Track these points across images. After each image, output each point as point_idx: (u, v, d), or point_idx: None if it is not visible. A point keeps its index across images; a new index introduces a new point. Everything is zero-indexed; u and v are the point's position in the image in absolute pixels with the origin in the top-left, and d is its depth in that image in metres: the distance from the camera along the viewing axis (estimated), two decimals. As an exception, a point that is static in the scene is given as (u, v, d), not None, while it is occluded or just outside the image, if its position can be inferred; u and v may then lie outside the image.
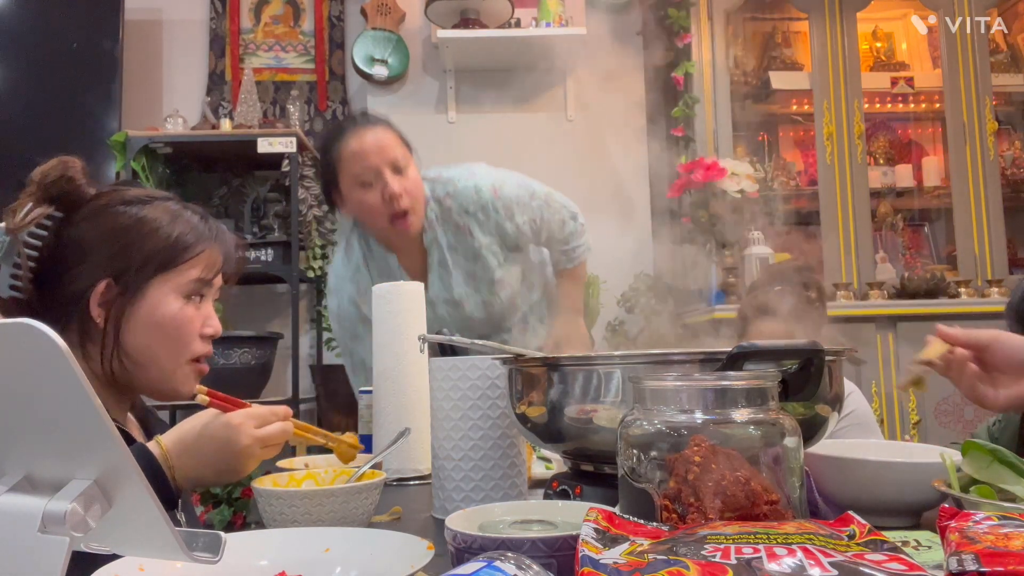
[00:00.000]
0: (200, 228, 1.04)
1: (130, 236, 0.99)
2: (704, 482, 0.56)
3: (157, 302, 0.99)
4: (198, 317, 1.03)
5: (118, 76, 3.09)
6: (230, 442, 0.88)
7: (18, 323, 0.39)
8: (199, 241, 1.03)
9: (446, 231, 1.83)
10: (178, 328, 1.00)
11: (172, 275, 1.00)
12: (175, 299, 1.00)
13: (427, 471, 1.21)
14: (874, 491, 0.80)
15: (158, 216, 1.01)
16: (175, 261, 1.00)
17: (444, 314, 1.86)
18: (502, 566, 0.45)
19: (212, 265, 1.04)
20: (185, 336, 1.01)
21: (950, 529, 0.50)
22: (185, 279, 1.01)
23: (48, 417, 0.43)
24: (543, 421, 0.82)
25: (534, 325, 1.99)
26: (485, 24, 3.17)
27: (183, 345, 1.01)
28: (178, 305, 1.00)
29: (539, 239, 1.94)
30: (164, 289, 1.00)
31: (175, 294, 1.00)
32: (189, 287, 1.01)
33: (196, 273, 1.02)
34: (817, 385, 0.70)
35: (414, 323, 1.29)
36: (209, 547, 0.49)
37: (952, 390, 2.83)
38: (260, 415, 0.92)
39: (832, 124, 3.11)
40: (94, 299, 0.97)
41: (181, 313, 1.00)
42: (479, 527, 0.65)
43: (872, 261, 3.09)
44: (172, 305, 1.00)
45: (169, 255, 1.00)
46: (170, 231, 1.01)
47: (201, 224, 1.05)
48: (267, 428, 0.91)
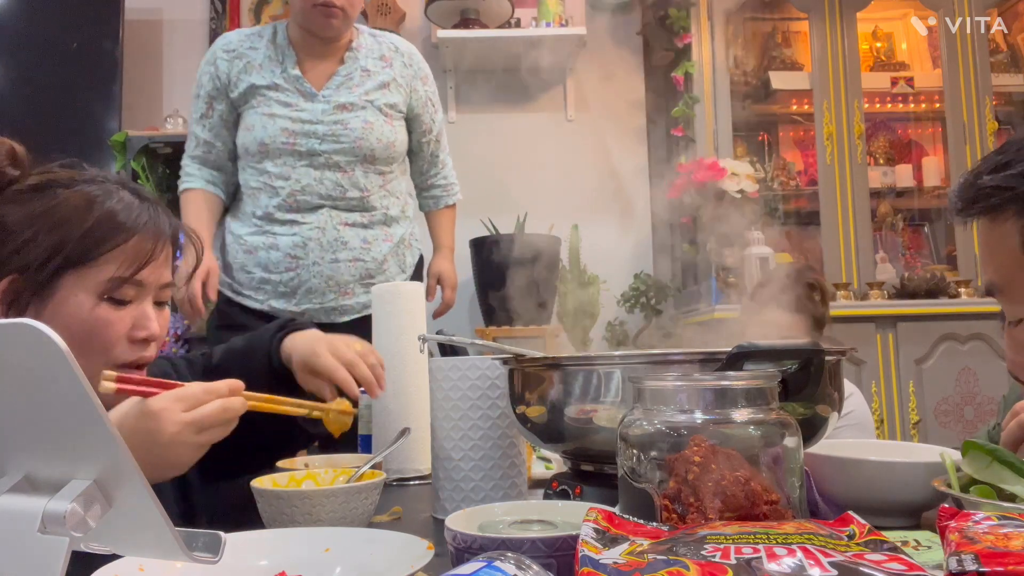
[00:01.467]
0: (123, 217, 0.90)
1: (38, 226, 0.87)
2: (704, 482, 0.56)
3: (64, 302, 0.86)
4: (121, 319, 0.89)
5: (118, 76, 3.09)
6: (152, 433, 0.78)
7: (18, 323, 0.39)
8: (117, 233, 0.89)
9: (368, 64, 1.88)
10: (90, 332, 0.87)
11: (84, 271, 0.87)
12: (87, 298, 0.87)
13: (427, 471, 1.21)
14: (874, 491, 0.80)
15: (73, 204, 0.89)
16: (86, 257, 0.87)
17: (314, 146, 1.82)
18: (502, 566, 0.45)
19: (135, 261, 0.90)
20: (100, 341, 0.88)
21: (950, 529, 0.50)
22: (99, 277, 0.88)
23: (48, 417, 0.43)
24: (543, 421, 0.82)
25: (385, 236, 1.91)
26: (485, 24, 3.17)
27: (97, 349, 0.88)
28: (89, 305, 0.87)
29: (433, 159, 2.04)
30: (75, 288, 0.87)
31: (87, 293, 0.87)
32: (103, 286, 0.88)
33: (111, 270, 0.88)
34: (817, 385, 0.70)
35: (414, 323, 1.29)
36: (209, 547, 0.49)
37: (952, 390, 2.85)
38: (189, 396, 0.81)
39: (832, 124, 3.11)
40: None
41: (93, 315, 0.87)
42: (479, 527, 0.65)
43: (872, 261, 3.09)
44: (83, 305, 0.87)
45: (78, 249, 0.87)
46: (82, 222, 0.87)
47: (126, 210, 0.91)
48: (200, 410, 0.80)
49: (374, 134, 1.83)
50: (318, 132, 1.80)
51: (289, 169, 1.78)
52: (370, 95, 1.85)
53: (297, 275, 1.78)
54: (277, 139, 1.78)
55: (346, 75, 1.85)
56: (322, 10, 1.76)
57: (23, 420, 0.43)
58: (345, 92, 1.84)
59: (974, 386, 2.86)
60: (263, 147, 1.79)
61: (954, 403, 2.86)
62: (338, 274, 1.80)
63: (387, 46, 1.93)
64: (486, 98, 3.38)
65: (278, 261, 1.78)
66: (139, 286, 0.91)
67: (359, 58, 1.88)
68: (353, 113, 1.82)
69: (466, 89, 3.38)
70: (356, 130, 1.81)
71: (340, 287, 1.81)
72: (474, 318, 3.16)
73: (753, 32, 3.45)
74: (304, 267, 1.78)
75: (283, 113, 1.80)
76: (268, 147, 1.79)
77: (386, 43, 1.93)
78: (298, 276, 1.78)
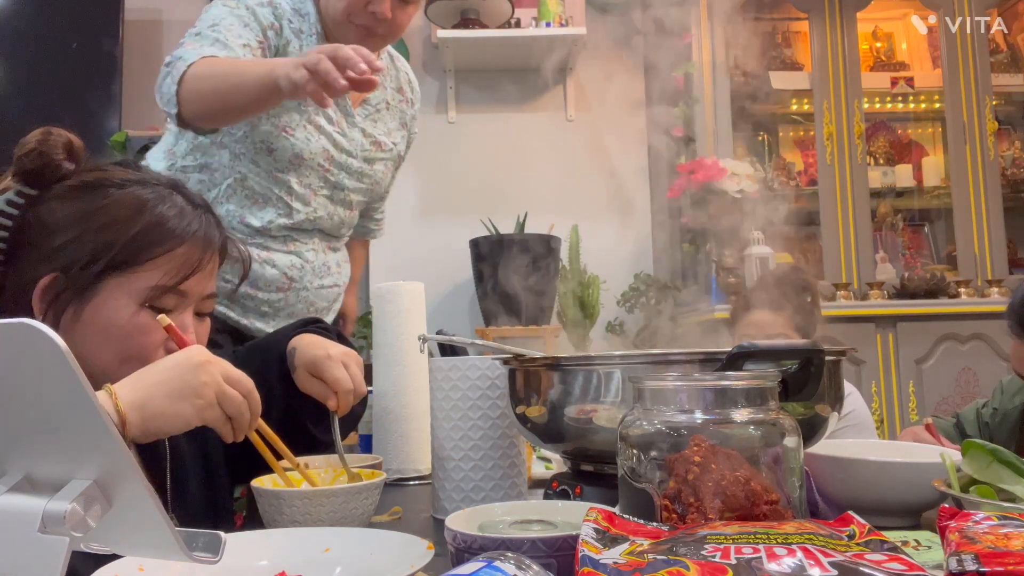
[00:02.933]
0: (173, 224, 0.88)
1: (85, 226, 0.85)
2: (704, 482, 0.56)
3: (104, 305, 0.84)
4: (159, 328, 0.85)
5: (118, 76, 3.09)
6: (186, 360, 0.77)
7: (18, 323, 0.39)
8: (165, 240, 0.87)
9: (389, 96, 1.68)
10: (129, 338, 0.85)
11: (128, 276, 0.85)
12: (127, 304, 0.85)
13: (427, 471, 1.21)
14: (874, 491, 0.80)
15: (124, 204, 0.87)
16: (132, 261, 0.85)
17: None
18: (502, 566, 0.45)
19: (181, 270, 0.88)
20: (139, 348, 0.85)
21: (950, 529, 0.50)
22: (142, 284, 0.85)
23: (48, 417, 0.43)
24: (543, 421, 0.82)
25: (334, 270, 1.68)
26: (485, 24, 3.17)
27: (135, 356, 0.85)
28: (129, 312, 0.85)
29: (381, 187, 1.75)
30: (117, 292, 0.85)
31: (128, 299, 0.85)
32: (146, 294, 0.85)
33: (155, 278, 0.86)
34: (817, 385, 0.70)
35: (414, 323, 1.29)
36: (209, 547, 0.49)
37: (952, 390, 2.85)
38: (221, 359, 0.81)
39: (832, 124, 3.11)
40: (37, 293, 0.84)
41: (132, 321, 0.85)
42: (479, 527, 0.65)
43: (872, 261, 3.09)
44: (122, 311, 0.84)
45: (124, 254, 0.85)
46: (131, 225, 0.85)
47: (177, 219, 0.89)
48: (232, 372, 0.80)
49: (386, 183, 1.72)
50: (352, 167, 1.60)
51: (311, 194, 1.56)
52: (392, 136, 1.68)
53: (285, 297, 1.57)
54: (316, 158, 1.54)
55: (375, 105, 1.65)
56: (363, 29, 1.51)
57: (23, 420, 0.43)
58: (371, 124, 1.64)
59: (974, 386, 2.86)
60: (297, 159, 1.52)
61: (954, 403, 2.86)
62: (319, 299, 1.63)
63: (403, 77, 1.73)
64: (486, 98, 3.38)
65: (272, 279, 1.54)
66: (182, 296, 0.89)
67: (385, 84, 1.67)
68: (380, 155, 1.66)
69: (466, 89, 3.38)
70: (377, 174, 1.66)
71: (316, 312, 1.63)
72: (474, 318, 3.16)
73: (753, 32, 3.45)
74: (295, 290, 1.57)
75: (328, 129, 1.55)
76: (303, 162, 1.53)
77: (403, 72, 1.74)
78: (286, 298, 1.57)
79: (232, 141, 1.51)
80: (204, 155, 1.53)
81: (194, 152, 1.54)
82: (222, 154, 1.52)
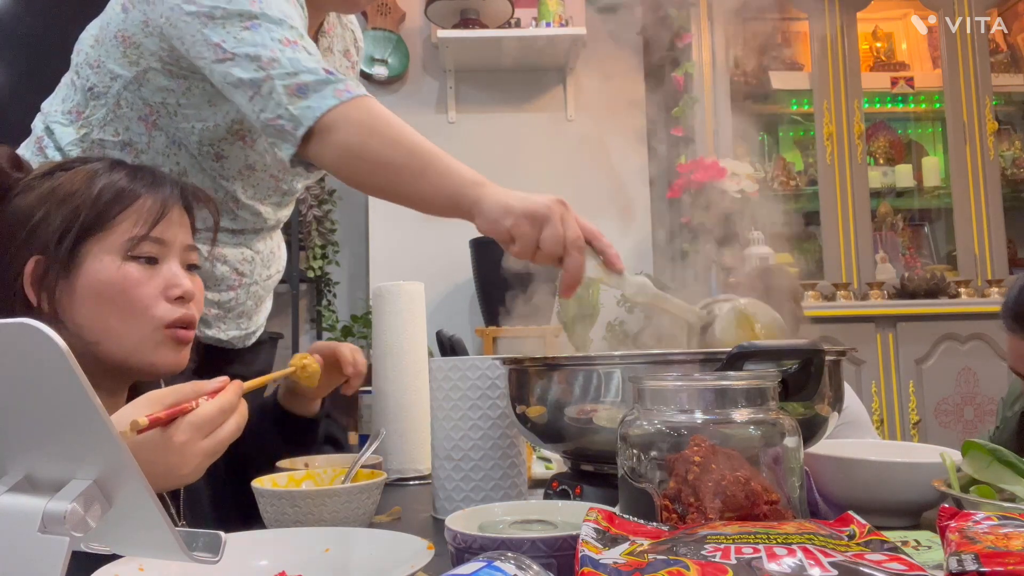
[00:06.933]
0: (123, 182, 0.92)
1: (48, 204, 0.90)
2: (704, 482, 0.56)
3: (90, 269, 0.88)
4: (151, 278, 0.90)
5: (118, 76, 3.09)
6: (172, 467, 0.72)
7: (18, 323, 0.39)
8: (124, 196, 0.91)
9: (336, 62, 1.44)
10: (123, 291, 0.88)
11: (102, 237, 0.89)
12: (111, 260, 0.89)
13: (427, 471, 1.21)
14: (874, 491, 0.80)
15: (77, 178, 0.92)
16: (100, 221, 0.89)
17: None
18: (502, 566, 0.45)
19: (149, 216, 0.91)
20: (135, 299, 0.89)
21: (950, 529, 0.50)
22: (118, 239, 0.89)
23: (48, 417, 0.43)
24: (543, 421, 0.82)
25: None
26: (485, 24, 3.17)
27: (138, 310, 0.89)
28: (115, 266, 0.89)
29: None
30: (99, 254, 0.89)
31: (111, 256, 0.89)
32: (124, 246, 0.89)
33: (128, 230, 0.90)
34: (817, 385, 0.70)
35: (414, 323, 1.29)
36: (209, 547, 0.49)
37: (952, 390, 2.85)
38: (206, 419, 0.73)
39: (832, 124, 3.11)
40: (27, 280, 0.88)
41: (120, 274, 0.89)
42: (479, 527, 0.65)
43: (872, 261, 3.09)
44: (108, 268, 0.88)
45: (91, 216, 0.89)
46: (90, 190, 0.90)
47: (127, 178, 0.93)
48: (216, 435, 0.74)
49: None
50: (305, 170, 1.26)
51: (258, 203, 1.34)
52: None
53: (236, 296, 1.36)
54: (270, 169, 1.33)
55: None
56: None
57: (23, 420, 0.43)
58: None
59: (974, 386, 2.86)
60: (248, 170, 1.29)
61: (954, 403, 2.86)
62: (265, 291, 1.44)
63: (350, 36, 1.48)
64: (486, 98, 3.38)
65: (222, 277, 1.32)
66: (160, 243, 0.92)
67: (333, 46, 1.42)
68: None
69: (466, 89, 3.38)
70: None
71: (259, 305, 1.45)
72: (474, 318, 3.16)
73: (753, 32, 3.45)
74: (244, 286, 1.37)
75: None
76: (254, 173, 1.31)
77: (349, 31, 1.47)
78: (236, 297, 1.36)
79: (173, 127, 1.22)
80: (129, 131, 1.23)
81: (114, 124, 1.23)
82: (155, 136, 1.22)
